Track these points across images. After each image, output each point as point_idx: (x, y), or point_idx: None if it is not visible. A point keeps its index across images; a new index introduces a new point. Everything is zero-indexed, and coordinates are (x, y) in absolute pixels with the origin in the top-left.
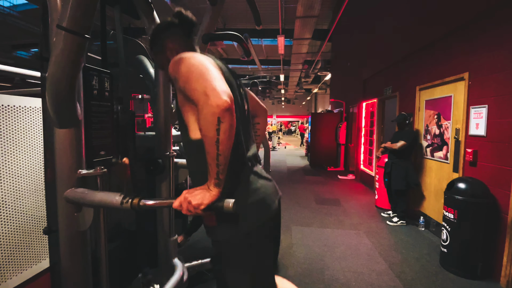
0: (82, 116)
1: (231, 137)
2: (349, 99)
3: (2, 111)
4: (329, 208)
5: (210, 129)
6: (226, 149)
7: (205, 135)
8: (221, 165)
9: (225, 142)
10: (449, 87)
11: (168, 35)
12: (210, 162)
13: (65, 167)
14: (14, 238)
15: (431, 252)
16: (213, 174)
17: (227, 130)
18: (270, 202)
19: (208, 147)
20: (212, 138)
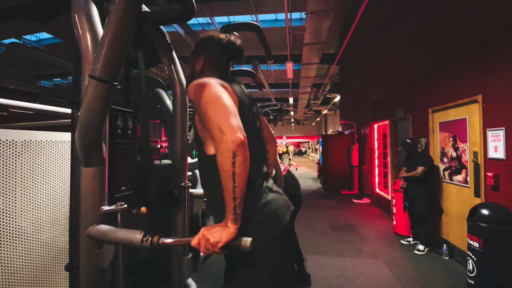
0: (106, 155)
1: (246, 171)
2: (360, 121)
3: (28, 146)
4: (345, 235)
5: (226, 162)
6: (242, 182)
7: (222, 169)
8: (237, 198)
9: (241, 175)
10: (463, 109)
11: (207, 50)
12: (227, 196)
13: (89, 204)
14: (34, 269)
15: (458, 284)
16: (230, 209)
17: (242, 164)
18: (282, 216)
19: (224, 181)
20: (228, 171)
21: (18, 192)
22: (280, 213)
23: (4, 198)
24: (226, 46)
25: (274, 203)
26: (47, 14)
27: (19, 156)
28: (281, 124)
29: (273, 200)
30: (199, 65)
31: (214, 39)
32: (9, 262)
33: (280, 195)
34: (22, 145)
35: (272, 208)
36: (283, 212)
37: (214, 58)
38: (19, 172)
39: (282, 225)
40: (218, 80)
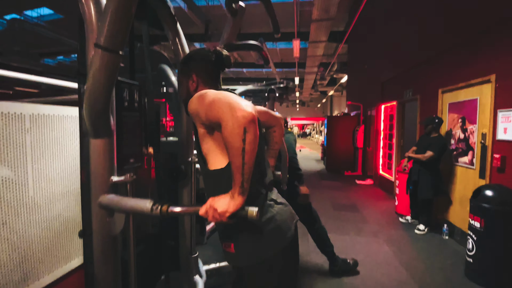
0: (114, 127)
1: (256, 147)
2: (367, 102)
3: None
4: (347, 215)
5: (236, 139)
6: (251, 159)
7: (231, 146)
8: (245, 174)
9: (250, 152)
10: (474, 90)
11: (197, 67)
12: (235, 172)
13: (99, 174)
14: (48, 240)
15: (456, 262)
16: (238, 183)
17: (252, 141)
18: (287, 229)
19: (233, 158)
20: (238, 149)
21: (29, 165)
22: (285, 226)
23: (16, 171)
24: (214, 59)
25: (279, 217)
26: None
27: (28, 130)
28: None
29: (278, 214)
30: (193, 84)
31: (200, 55)
32: (26, 231)
33: (285, 207)
34: (31, 118)
35: (277, 223)
36: (288, 225)
37: (205, 72)
38: (29, 146)
39: (287, 238)
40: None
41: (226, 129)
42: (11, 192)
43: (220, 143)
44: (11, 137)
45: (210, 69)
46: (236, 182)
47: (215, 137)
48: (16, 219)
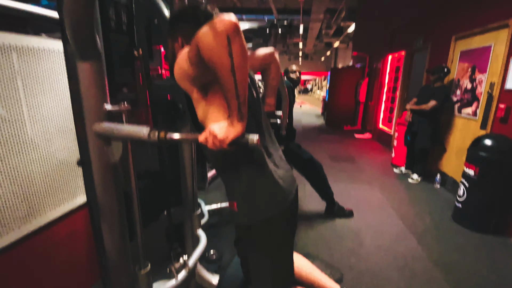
0: (102, 50)
1: (245, 61)
2: (374, 53)
3: (28, 53)
4: (343, 165)
5: (222, 54)
6: (243, 76)
7: (218, 66)
8: (241, 96)
9: (241, 67)
10: (490, 36)
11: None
12: (229, 96)
13: (91, 102)
14: (49, 176)
15: (444, 208)
16: (234, 108)
17: (240, 53)
18: (288, 193)
19: (224, 80)
20: (227, 66)
21: (22, 102)
22: (287, 190)
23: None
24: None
25: (282, 182)
26: None
27: (17, 63)
28: (287, 58)
29: (280, 179)
30: (178, 47)
31: (187, 15)
32: (26, 168)
33: (286, 172)
34: (16, 51)
35: (280, 187)
36: (289, 189)
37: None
38: (19, 80)
39: (288, 202)
40: None
41: (205, 44)
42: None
43: (216, 103)
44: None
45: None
46: (233, 108)
47: (209, 98)
48: (16, 157)
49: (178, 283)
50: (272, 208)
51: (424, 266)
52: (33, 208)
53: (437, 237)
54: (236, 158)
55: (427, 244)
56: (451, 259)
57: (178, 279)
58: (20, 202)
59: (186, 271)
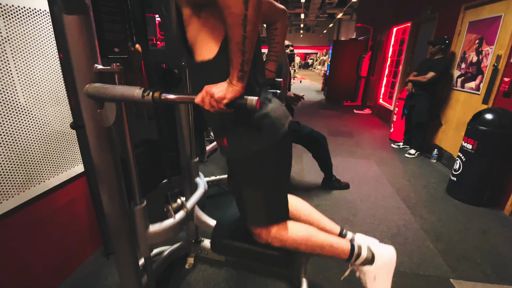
0: (89, 2)
1: (259, 16)
2: (378, 24)
3: (13, 13)
4: (341, 139)
5: (237, 2)
6: (253, 31)
7: (230, 13)
8: (246, 52)
9: (253, 21)
10: (501, 5)
11: None
12: (234, 49)
13: (81, 62)
14: (45, 144)
15: (439, 181)
16: (237, 65)
17: (256, 5)
18: (280, 126)
19: (233, 29)
20: (240, 16)
21: (12, 68)
22: (279, 123)
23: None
24: None
25: (273, 114)
26: None
27: (1, 28)
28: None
29: (272, 111)
30: None
31: None
32: (21, 135)
33: (279, 105)
34: (2, 14)
35: (271, 119)
36: (281, 122)
37: None
38: (7, 46)
39: (280, 134)
40: None
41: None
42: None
43: (209, 25)
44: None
45: None
46: (235, 64)
47: (202, 18)
48: (9, 124)
49: (176, 223)
50: (262, 140)
51: (416, 234)
52: (31, 175)
53: (430, 209)
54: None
55: (420, 214)
56: (442, 228)
57: (176, 218)
58: (17, 169)
59: (184, 212)
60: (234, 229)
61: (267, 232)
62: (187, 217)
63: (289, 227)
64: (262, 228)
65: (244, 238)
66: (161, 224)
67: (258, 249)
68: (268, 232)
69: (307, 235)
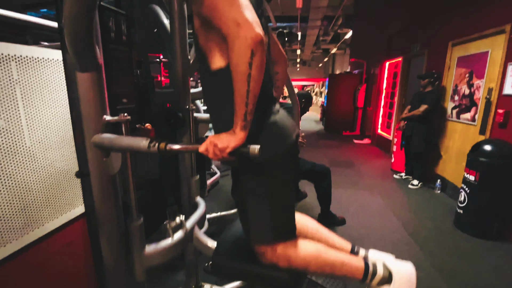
0: (102, 61)
1: (262, 73)
2: (371, 59)
3: (26, 63)
4: (343, 170)
5: (242, 62)
6: (257, 86)
7: (236, 70)
8: (250, 104)
9: (257, 78)
10: (487, 42)
11: None
12: (239, 101)
13: (91, 113)
14: (47, 187)
15: (446, 214)
16: (240, 115)
17: (259, 65)
18: (287, 136)
19: (238, 84)
20: (244, 73)
21: (21, 113)
22: (286, 133)
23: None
24: None
25: (281, 123)
26: None
27: (15, 73)
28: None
29: (280, 121)
30: None
31: None
32: (24, 179)
33: (286, 117)
34: (15, 61)
35: (279, 129)
36: (289, 132)
37: None
38: (18, 91)
39: (287, 145)
40: None
41: (232, 49)
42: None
43: (217, 42)
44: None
45: None
46: (239, 114)
47: (211, 35)
48: (13, 167)
49: (174, 243)
50: (271, 148)
51: (428, 274)
52: (31, 219)
53: (440, 244)
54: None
55: (430, 251)
56: (454, 266)
57: (174, 238)
58: (17, 213)
59: (183, 232)
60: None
61: (273, 251)
62: (186, 238)
63: (296, 245)
64: (268, 246)
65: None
66: (158, 244)
67: (263, 271)
68: (274, 251)
69: (316, 253)
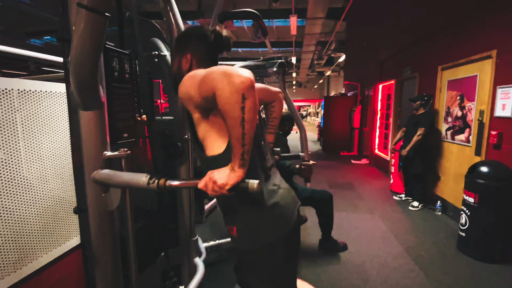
0: (104, 98)
1: (256, 114)
2: (365, 81)
3: (28, 96)
4: (342, 192)
5: (235, 108)
6: (252, 128)
7: (229, 116)
8: (246, 145)
9: (251, 121)
10: (475, 66)
11: (193, 46)
12: (235, 143)
13: (91, 149)
14: (43, 219)
15: (449, 237)
16: (238, 155)
17: (252, 108)
18: (290, 214)
19: (232, 129)
20: (238, 118)
21: (21, 144)
22: (289, 212)
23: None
24: (213, 40)
25: (283, 202)
26: None
27: (16, 107)
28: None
29: (282, 200)
30: (186, 63)
31: (198, 33)
32: (20, 211)
33: (288, 192)
34: (19, 95)
35: (281, 208)
36: (291, 210)
37: (201, 53)
38: (19, 123)
39: (290, 224)
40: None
41: (222, 97)
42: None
43: (216, 126)
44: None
45: (207, 49)
46: (236, 154)
47: (211, 120)
48: (10, 199)
49: None
50: (274, 232)
51: None
52: (26, 252)
53: (444, 269)
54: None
55: (435, 277)
56: None
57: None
58: (11, 247)
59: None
60: None
61: None
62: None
63: None
64: None
65: None
66: None
67: None
68: None
69: None
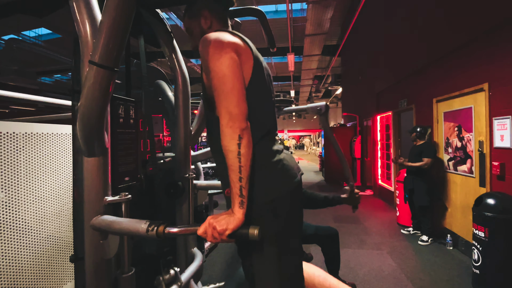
0: (109, 144)
1: (250, 152)
2: (362, 113)
3: (33, 138)
4: (348, 226)
5: (232, 144)
6: (247, 162)
7: (227, 150)
8: (243, 178)
9: (246, 155)
10: (468, 99)
11: (208, 4)
12: (233, 176)
13: (93, 195)
14: (38, 263)
15: (462, 274)
16: (236, 191)
17: (247, 145)
18: (293, 174)
19: (230, 161)
20: (234, 152)
21: (22, 185)
22: (293, 171)
23: (7, 191)
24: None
25: (287, 162)
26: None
27: (20, 149)
28: (282, 117)
29: (285, 159)
30: (206, 21)
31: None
32: (15, 254)
33: (291, 157)
34: (23, 137)
35: (285, 166)
36: (294, 171)
37: (215, 11)
38: (22, 165)
39: (294, 182)
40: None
41: (223, 133)
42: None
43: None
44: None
45: (219, 7)
46: (235, 190)
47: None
48: (6, 243)
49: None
50: (278, 187)
51: None
52: None
53: None
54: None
55: None
56: None
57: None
58: None
59: (177, 286)
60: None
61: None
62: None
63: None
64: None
65: None
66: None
67: None
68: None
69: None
